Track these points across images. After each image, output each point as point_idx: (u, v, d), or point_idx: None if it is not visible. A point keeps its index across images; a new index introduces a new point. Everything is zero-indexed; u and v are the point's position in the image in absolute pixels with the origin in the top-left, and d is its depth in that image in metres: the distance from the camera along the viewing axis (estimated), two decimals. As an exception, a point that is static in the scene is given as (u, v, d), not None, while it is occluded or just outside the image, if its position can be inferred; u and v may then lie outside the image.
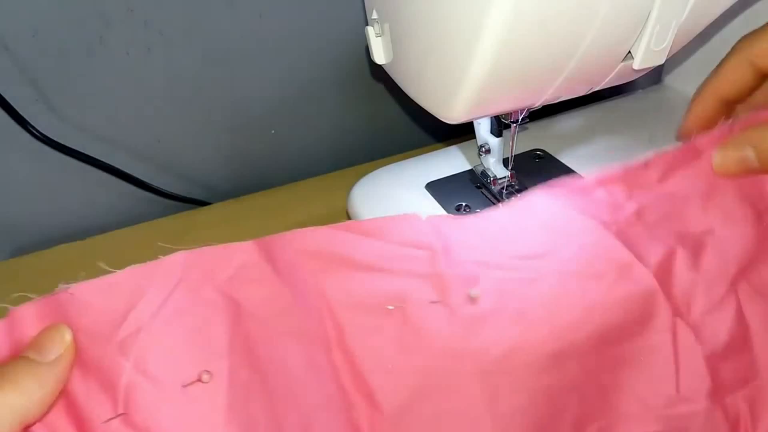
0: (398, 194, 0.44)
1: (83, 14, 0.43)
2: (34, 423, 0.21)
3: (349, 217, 0.45)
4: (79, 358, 0.23)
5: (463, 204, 0.42)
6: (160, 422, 0.22)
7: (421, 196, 0.43)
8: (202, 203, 0.55)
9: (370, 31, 0.37)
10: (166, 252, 0.27)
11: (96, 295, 0.24)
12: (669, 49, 0.32)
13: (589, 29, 0.29)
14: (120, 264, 0.33)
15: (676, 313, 0.28)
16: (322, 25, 0.50)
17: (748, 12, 0.46)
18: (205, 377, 0.23)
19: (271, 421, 0.24)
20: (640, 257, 0.29)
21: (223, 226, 0.51)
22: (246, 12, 0.47)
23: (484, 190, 0.43)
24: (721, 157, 0.27)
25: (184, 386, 0.23)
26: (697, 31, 0.36)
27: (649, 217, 0.32)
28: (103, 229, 0.51)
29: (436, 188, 0.44)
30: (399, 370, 0.26)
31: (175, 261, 0.26)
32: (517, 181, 0.41)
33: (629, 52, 0.32)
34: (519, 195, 0.34)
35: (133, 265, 0.25)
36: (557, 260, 0.30)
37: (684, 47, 0.37)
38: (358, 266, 0.28)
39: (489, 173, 0.42)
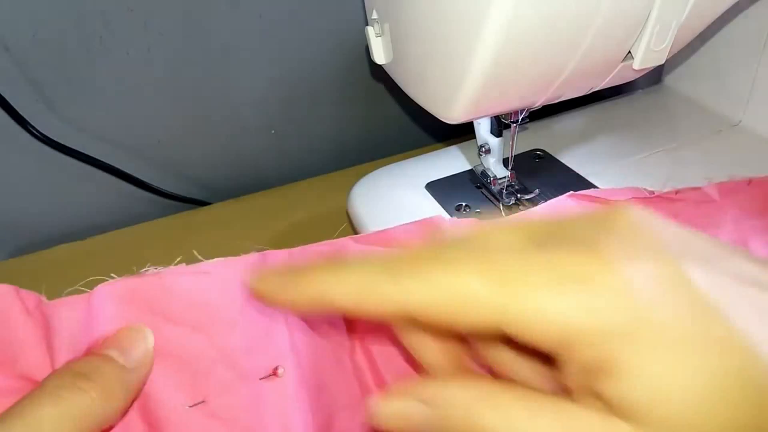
0: (398, 194, 0.44)
1: (83, 14, 0.43)
2: (111, 428, 0.21)
3: (349, 218, 0.45)
4: (156, 343, 0.23)
5: (463, 204, 0.42)
6: (237, 411, 0.23)
7: (421, 196, 0.43)
8: (202, 203, 0.55)
9: (370, 31, 0.37)
10: (166, 252, 0.27)
11: (185, 283, 0.25)
12: (669, 49, 0.32)
13: (589, 29, 0.29)
14: (120, 264, 0.33)
15: None
16: (322, 26, 0.50)
17: (748, 12, 0.46)
18: (280, 371, 0.24)
19: (315, 418, 0.25)
20: None
21: (223, 226, 0.51)
22: (246, 12, 0.47)
23: (484, 190, 0.43)
24: (385, 411, 0.18)
25: (262, 379, 0.24)
26: (697, 31, 0.36)
27: None
28: (103, 229, 0.51)
29: (436, 188, 0.44)
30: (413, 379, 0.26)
31: (251, 260, 0.27)
32: (517, 181, 0.41)
33: (629, 52, 0.32)
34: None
35: (220, 259, 0.26)
36: None
37: (684, 47, 0.37)
38: None
39: (489, 173, 0.42)
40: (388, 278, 0.17)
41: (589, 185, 0.42)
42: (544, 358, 0.17)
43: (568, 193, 0.34)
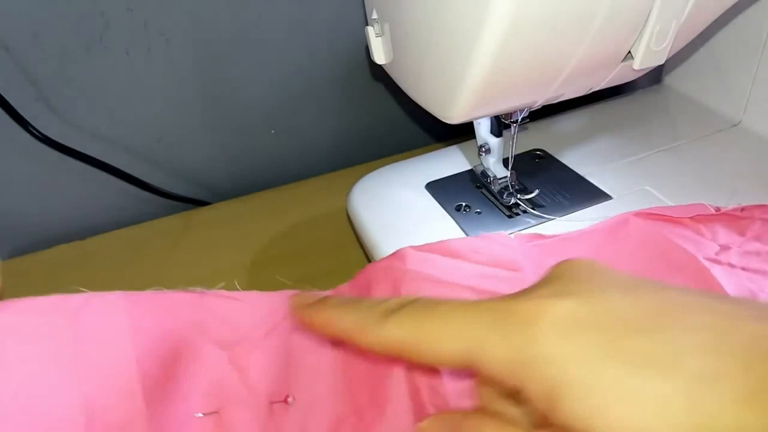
0: (398, 194, 0.44)
1: (83, 14, 0.43)
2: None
3: (349, 218, 0.45)
4: (185, 352, 0.25)
5: (463, 204, 0.42)
6: (245, 428, 0.24)
7: (421, 196, 0.43)
8: (202, 203, 0.55)
9: (370, 31, 0.37)
10: (166, 252, 0.28)
11: (222, 305, 0.27)
12: (669, 49, 0.32)
13: (589, 29, 0.29)
14: (120, 264, 0.33)
15: None
16: (322, 25, 0.50)
17: (748, 12, 0.46)
18: (290, 400, 0.26)
19: None
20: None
21: (223, 226, 0.51)
22: (246, 12, 0.47)
23: (484, 190, 0.43)
24: None
25: (272, 402, 0.26)
26: (697, 31, 0.36)
27: (747, 264, 0.32)
28: (103, 229, 0.51)
29: (436, 188, 0.44)
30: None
31: (284, 295, 0.28)
32: (517, 181, 0.41)
33: (629, 52, 0.32)
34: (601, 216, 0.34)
35: (256, 291, 0.28)
36: None
37: (684, 47, 0.37)
38: (442, 283, 0.29)
39: (489, 173, 0.42)
40: (376, 320, 0.21)
41: (589, 185, 0.42)
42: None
43: (632, 211, 0.34)
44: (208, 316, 0.26)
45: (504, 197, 0.41)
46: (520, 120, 0.38)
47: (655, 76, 0.56)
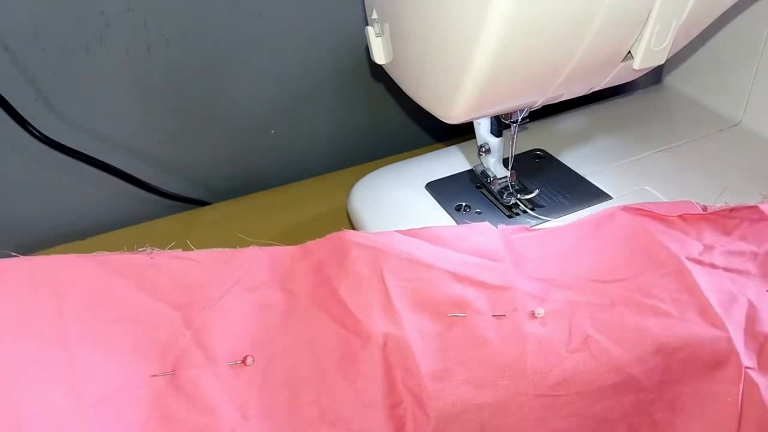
0: (398, 194, 0.44)
1: (83, 14, 0.43)
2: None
3: (348, 218, 0.45)
4: (136, 313, 0.25)
5: (463, 204, 0.42)
6: (201, 389, 0.24)
7: (421, 196, 0.43)
8: (202, 203, 0.55)
9: (370, 31, 0.37)
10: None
11: (174, 265, 0.27)
12: (669, 49, 0.32)
13: (588, 29, 0.29)
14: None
15: (749, 366, 0.27)
16: (322, 25, 0.50)
17: (748, 11, 0.46)
18: (249, 360, 0.26)
19: (291, 411, 0.25)
20: (719, 303, 0.29)
21: (223, 226, 0.51)
22: (246, 12, 0.47)
23: (484, 190, 0.43)
24: None
25: (229, 364, 0.26)
26: (698, 31, 0.36)
27: (730, 264, 0.32)
28: (103, 229, 0.51)
29: (436, 188, 0.44)
30: (454, 379, 0.26)
31: (249, 254, 0.29)
32: (517, 181, 0.41)
33: (629, 52, 0.32)
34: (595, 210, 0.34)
35: (212, 249, 0.28)
36: (633, 288, 0.29)
37: (684, 47, 0.37)
38: (424, 266, 0.29)
39: (489, 173, 0.42)
40: None
41: (589, 185, 0.42)
42: None
43: (620, 205, 0.34)
44: (160, 277, 0.26)
45: (504, 197, 0.41)
46: (520, 120, 0.38)
47: (655, 76, 0.56)
